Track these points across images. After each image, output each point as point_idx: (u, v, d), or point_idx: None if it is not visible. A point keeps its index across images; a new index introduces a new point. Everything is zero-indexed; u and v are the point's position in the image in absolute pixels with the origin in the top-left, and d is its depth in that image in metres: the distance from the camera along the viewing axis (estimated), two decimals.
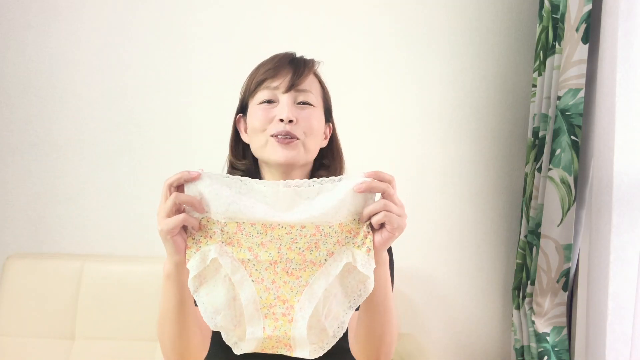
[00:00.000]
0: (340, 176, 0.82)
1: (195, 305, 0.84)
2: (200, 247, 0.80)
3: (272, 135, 0.95)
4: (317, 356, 0.82)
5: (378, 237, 0.80)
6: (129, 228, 1.82)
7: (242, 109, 1.04)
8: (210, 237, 0.80)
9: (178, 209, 0.78)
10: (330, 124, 1.07)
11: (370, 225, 0.81)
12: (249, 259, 0.80)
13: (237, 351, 0.82)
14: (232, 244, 0.80)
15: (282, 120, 0.94)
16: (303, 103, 0.97)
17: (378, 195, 0.82)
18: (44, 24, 1.79)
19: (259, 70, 1.00)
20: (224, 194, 0.79)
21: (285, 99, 0.95)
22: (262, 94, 0.97)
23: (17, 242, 1.82)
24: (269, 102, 0.97)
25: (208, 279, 0.81)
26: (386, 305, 0.87)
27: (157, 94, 1.82)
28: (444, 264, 1.89)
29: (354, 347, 0.94)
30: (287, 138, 0.94)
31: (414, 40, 1.85)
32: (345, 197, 0.79)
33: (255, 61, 1.06)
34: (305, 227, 0.80)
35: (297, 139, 0.95)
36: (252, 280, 0.80)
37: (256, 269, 0.80)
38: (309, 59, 1.03)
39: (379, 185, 0.79)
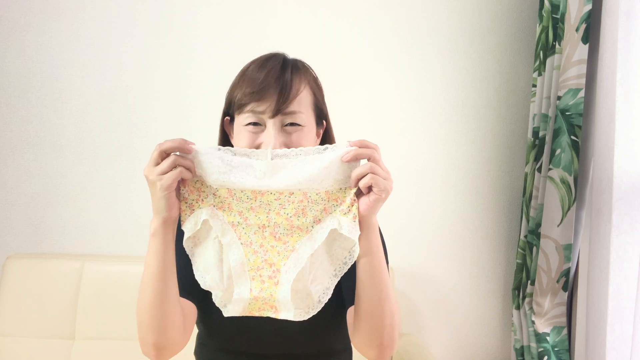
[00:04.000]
0: (325, 145, 0.84)
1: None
2: (193, 210, 0.84)
3: None
4: (301, 319, 0.84)
5: (365, 200, 0.82)
6: (129, 228, 1.82)
7: (229, 114, 0.99)
8: (203, 200, 0.84)
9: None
10: (324, 123, 1.03)
11: (357, 192, 0.84)
12: (238, 222, 0.84)
13: (226, 313, 0.85)
14: (223, 208, 0.84)
15: None
16: (291, 124, 0.92)
17: (363, 162, 0.85)
18: (44, 24, 1.79)
19: (245, 83, 0.93)
20: (216, 164, 0.82)
21: (271, 125, 0.90)
22: (247, 117, 0.91)
23: (17, 242, 1.82)
24: (255, 124, 0.91)
25: (202, 241, 0.86)
26: (381, 276, 0.85)
27: (157, 94, 1.82)
28: (444, 264, 1.89)
29: (355, 339, 0.93)
30: None
31: (414, 40, 1.85)
32: (330, 165, 0.82)
33: None
34: (293, 193, 0.83)
35: None
36: (241, 243, 0.84)
37: (245, 232, 0.84)
38: (298, 67, 0.96)
39: (365, 152, 0.82)
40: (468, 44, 1.86)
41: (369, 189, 0.82)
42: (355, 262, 0.86)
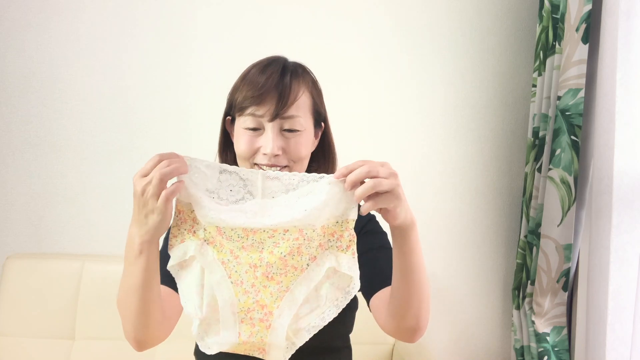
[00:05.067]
0: (321, 174, 0.79)
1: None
2: (184, 239, 0.80)
3: (256, 164, 0.93)
4: (288, 357, 0.81)
5: (386, 212, 0.77)
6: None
7: (231, 114, 1.00)
8: (194, 232, 0.80)
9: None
10: (322, 124, 1.03)
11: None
12: (229, 260, 0.79)
13: (204, 349, 0.81)
14: (214, 243, 0.80)
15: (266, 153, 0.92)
16: (290, 130, 0.93)
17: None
18: (44, 24, 1.79)
19: (245, 87, 0.94)
20: (205, 204, 0.78)
21: (270, 128, 0.92)
22: (247, 120, 0.93)
23: (17, 242, 1.82)
24: (255, 129, 0.93)
25: (187, 265, 0.82)
26: (420, 269, 0.84)
27: (156, 94, 1.82)
28: (444, 264, 1.89)
29: (389, 324, 0.91)
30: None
31: (414, 41, 1.85)
32: (327, 200, 0.76)
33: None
34: (288, 230, 0.78)
35: (283, 168, 0.93)
36: (232, 282, 0.78)
37: (236, 271, 0.79)
38: (298, 72, 0.97)
39: (360, 174, 0.75)
40: (468, 44, 1.86)
41: (374, 199, 0.75)
42: (391, 252, 0.83)
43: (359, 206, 0.77)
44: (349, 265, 0.78)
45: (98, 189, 1.82)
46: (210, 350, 0.81)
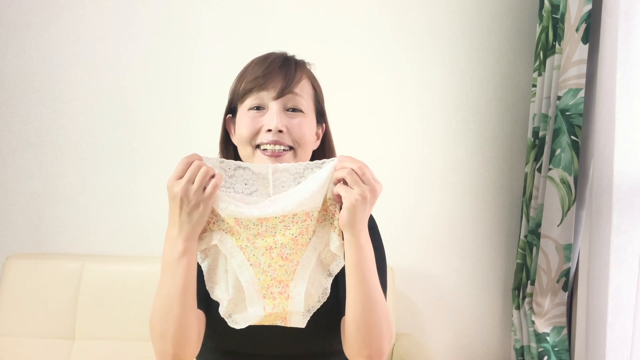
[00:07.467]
0: (323, 160, 0.88)
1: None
2: (206, 229, 0.87)
3: (259, 147, 0.93)
4: (306, 322, 0.89)
5: (343, 213, 0.84)
6: (129, 228, 1.82)
7: (231, 110, 1.01)
8: (214, 223, 0.88)
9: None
10: (323, 125, 1.04)
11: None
12: (246, 245, 0.87)
13: (232, 324, 0.87)
14: (232, 232, 0.88)
15: (270, 130, 0.92)
16: (293, 110, 0.94)
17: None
18: (44, 24, 1.79)
19: (248, 74, 0.96)
20: (224, 199, 0.86)
21: (274, 106, 0.93)
22: (251, 100, 0.94)
23: (17, 242, 1.82)
24: (258, 108, 0.94)
25: (211, 253, 0.90)
26: (368, 288, 0.86)
27: (156, 94, 1.82)
28: (444, 264, 1.89)
29: (345, 348, 0.93)
30: (275, 152, 0.93)
31: (414, 41, 1.85)
32: (324, 183, 0.86)
33: None
34: (296, 214, 0.86)
35: (286, 149, 0.94)
36: (250, 264, 0.87)
37: (254, 254, 0.87)
38: (300, 62, 1.00)
39: (359, 170, 0.83)
40: (468, 44, 1.86)
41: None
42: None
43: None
44: (333, 240, 0.88)
45: (98, 189, 1.82)
46: (238, 325, 0.88)
